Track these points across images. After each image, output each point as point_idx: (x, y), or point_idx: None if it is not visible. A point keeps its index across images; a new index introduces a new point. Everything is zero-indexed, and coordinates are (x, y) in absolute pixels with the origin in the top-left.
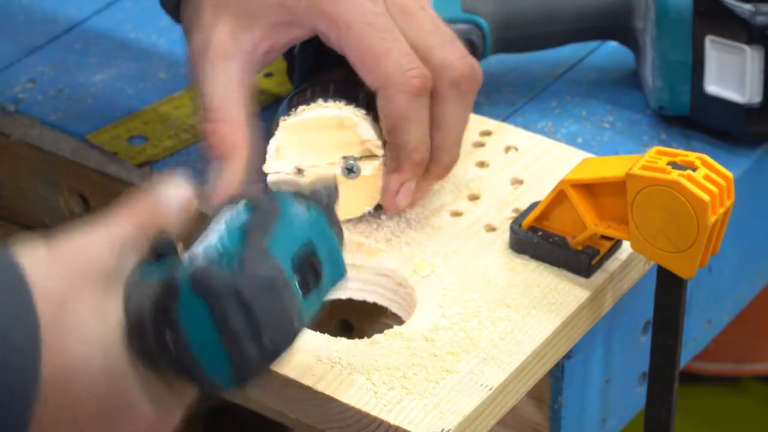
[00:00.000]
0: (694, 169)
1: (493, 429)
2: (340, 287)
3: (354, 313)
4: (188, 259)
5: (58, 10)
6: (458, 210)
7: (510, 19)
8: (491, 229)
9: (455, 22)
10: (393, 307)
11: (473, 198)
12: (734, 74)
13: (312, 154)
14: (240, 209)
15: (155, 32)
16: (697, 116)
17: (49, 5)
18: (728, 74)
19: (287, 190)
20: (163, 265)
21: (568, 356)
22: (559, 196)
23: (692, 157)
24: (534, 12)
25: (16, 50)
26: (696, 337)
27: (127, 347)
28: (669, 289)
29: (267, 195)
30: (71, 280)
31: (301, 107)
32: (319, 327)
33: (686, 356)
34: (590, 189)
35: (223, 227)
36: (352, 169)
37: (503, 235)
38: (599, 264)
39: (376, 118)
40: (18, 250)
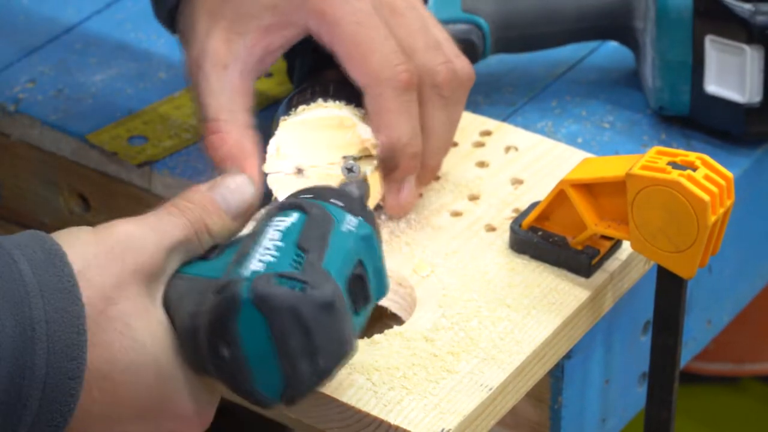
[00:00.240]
0: (694, 169)
1: (493, 429)
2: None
3: None
4: (249, 273)
5: (58, 10)
6: (458, 210)
7: (510, 19)
8: (491, 229)
9: (455, 22)
10: (393, 307)
11: (473, 198)
12: (734, 74)
13: (312, 153)
14: (294, 220)
15: (155, 32)
16: (697, 116)
17: (49, 5)
18: (728, 74)
19: (333, 196)
20: (208, 264)
21: (568, 356)
22: (559, 196)
23: (692, 157)
24: (534, 12)
25: (16, 50)
26: (696, 337)
27: (173, 350)
28: (669, 289)
29: (318, 204)
30: (118, 276)
31: (301, 107)
32: None
33: (686, 356)
34: (590, 189)
35: (278, 238)
36: (352, 169)
37: (503, 235)
38: (599, 264)
39: None
40: (61, 234)
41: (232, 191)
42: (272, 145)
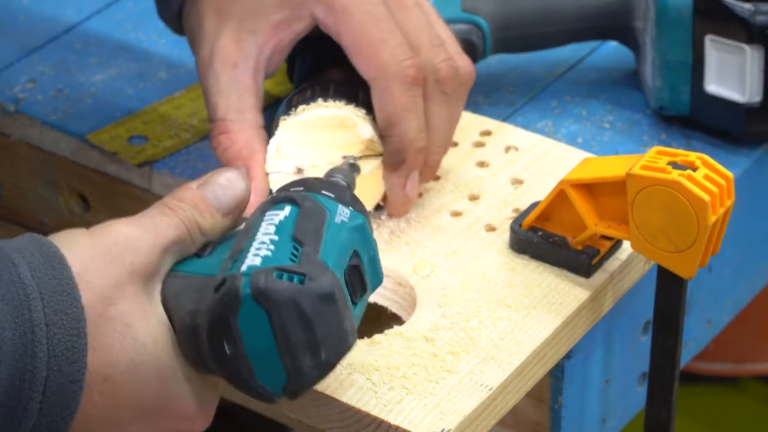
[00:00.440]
0: (695, 169)
1: (493, 429)
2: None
3: None
4: (246, 269)
5: (58, 10)
6: (458, 210)
7: (510, 19)
8: (491, 229)
9: (455, 22)
10: (393, 307)
11: (473, 198)
12: (734, 74)
13: (312, 153)
14: (287, 213)
15: (155, 32)
16: (697, 116)
17: (49, 5)
18: (728, 74)
19: (324, 187)
20: (202, 261)
21: (568, 356)
22: (560, 196)
23: (692, 156)
24: (534, 12)
25: (16, 50)
26: (696, 337)
27: (174, 348)
28: (669, 289)
29: (310, 197)
30: (115, 276)
31: (301, 107)
32: None
33: (686, 356)
34: (590, 189)
35: (272, 232)
36: (353, 169)
37: (503, 235)
38: (599, 264)
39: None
40: (57, 237)
41: (223, 187)
42: (272, 145)
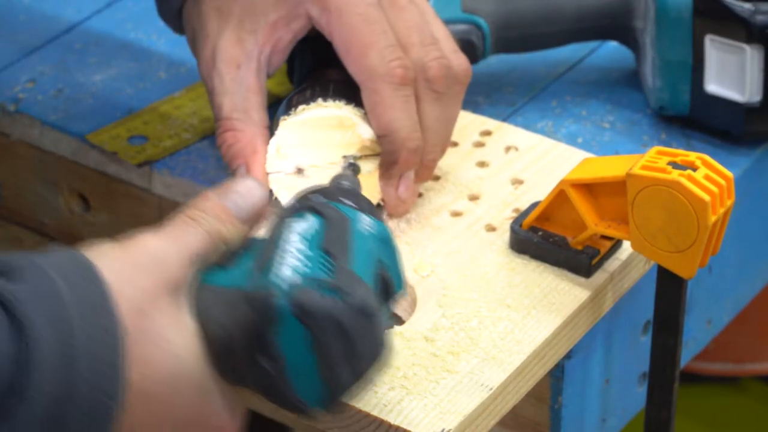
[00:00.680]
0: (695, 169)
1: (493, 429)
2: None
3: None
4: (282, 283)
5: (58, 10)
6: (458, 210)
7: (510, 19)
8: (491, 229)
9: (455, 22)
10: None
11: (473, 198)
12: (734, 73)
13: (312, 153)
14: (312, 222)
15: (155, 32)
16: (697, 116)
17: (49, 5)
18: (728, 73)
19: (342, 195)
20: (227, 272)
21: (568, 356)
22: (560, 196)
23: (692, 156)
24: (534, 12)
25: (16, 50)
26: (696, 337)
27: (206, 361)
28: (669, 289)
29: (332, 206)
30: (149, 289)
31: (300, 107)
32: None
33: (686, 356)
34: (590, 189)
35: (300, 243)
36: (352, 169)
37: (503, 235)
38: (599, 264)
39: None
40: (90, 250)
41: (242, 195)
42: (272, 145)
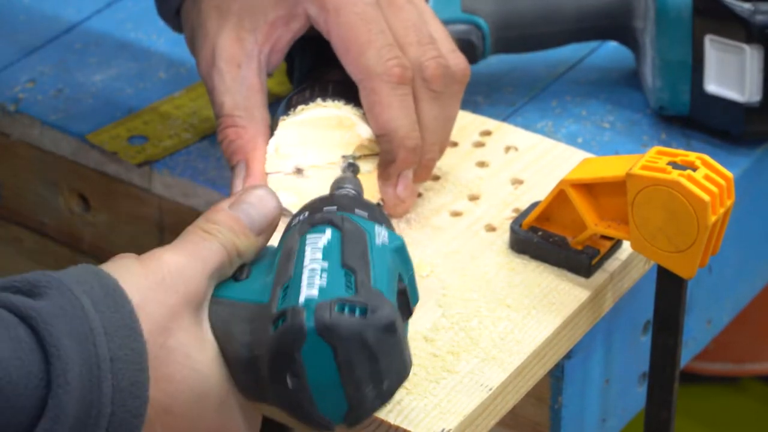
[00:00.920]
0: (695, 169)
1: (493, 429)
2: None
3: None
4: (304, 301)
5: (58, 10)
6: (458, 210)
7: (510, 19)
8: (491, 229)
9: (455, 22)
10: None
11: (473, 198)
12: (734, 73)
13: (311, 153)
14: (330, 237)
15: (155, 32)
16: (696, 116)
17: (49, 5)
18: (728, 73)
19: (356, 206)
20: (241, 286)
21: (568, 356)
22: (560, 196)
23: (692, 156)
24: (534, 12)
25: (16, 50)
26: (696, 337)
27: (227, 377)
28: (669, 289)
29: (347, 218)
30: (172, 306)
31: (300, 107)
32: None
33: (686, 356)
34: (590, 189)
35: (320, 258)
36: (352, 168)
37: (503, 235)
38: (599, 264)
39: None
40: (112, 267)
41: (254, 206)
42: (271, 145)
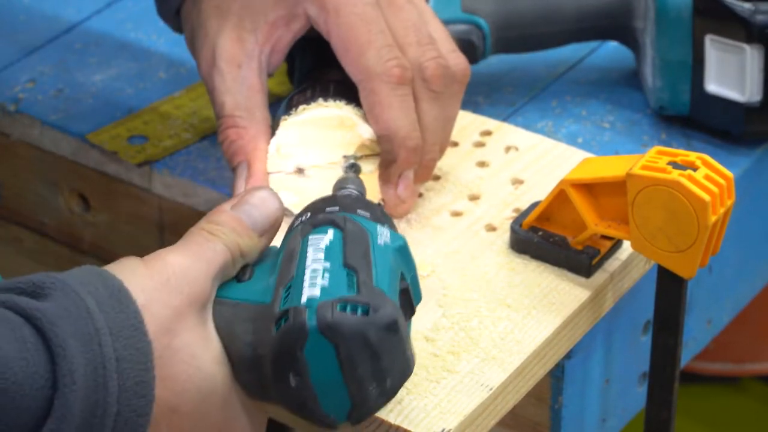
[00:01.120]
0: (695, 169)
1: (494, 429)
2: None
3: None
4: (306, 300)
5: (58, 10)
6: (458, 210)
7: (510, 19)
8: (491, 229)
9: (455, 22)
10: None
11: (473, 198)
12: (734, 73)
13: (312, 153)
14: (332, 237)
15: (155, 32)
16: (697, 116)
17: (49, 5)
18: (728, 73)
19: (358, 206)
20: (244, 287)
21: (569, 356)
22: (560, 196)
23: (692, 156)
24: (534, 12)
25: (16, 50)
26: (696, 337)
27: (231, 376)
28: (669, 289)
29: (349, 218)
30: (177, 307)
31: (301, 107)
32: None
33: (686, 356)
34: (590, 189)
35: (322, 258)
36: (353, 168)
37: (503, 235)
38: (599, 264)
39: None
40: (116, 269)
41: (257, 207)
42: (273, 145)
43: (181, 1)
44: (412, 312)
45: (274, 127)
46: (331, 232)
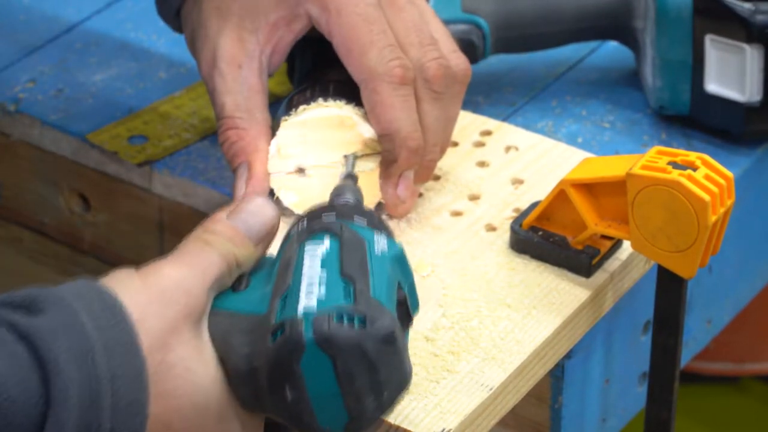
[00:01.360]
0: (695, 169)
1: (494, 429)
2: None
3: None
4: (303, 311)
5: (58, 10)
6: (458, 210)
7: (510, 19)
8: (491, 228)
9: (455, 22)
10: None
11: (473, 198)
12: (734, 73)
13: (313, 153)
14: (328, 246)
15: (155, 32)
16: (697, 115)
17: (49, 5)
18: (728, 73)
19: (355, 212)
20: (240, 296)
21: (569, 356)
22: (560, 196)
23: (693, 156)
24: (534, 12)
25: (16, 50)
26: (696, 337)
27: (227, 389)
28: (669, 289)
29: (346, 226)
30: (171, 320)
31: (301, 107)
32: None
33: (686, 356)
34: (591, 189)
35: (319, 268)
36: (353, 168)
37: (503, 235)
38: (600, 264)
39: None
40: (111, 282)
41: (253, 215)
42: (273, 145)
43: (182, 2)
44: (409, 322)
45: (274, 128)
46: (327, 240)
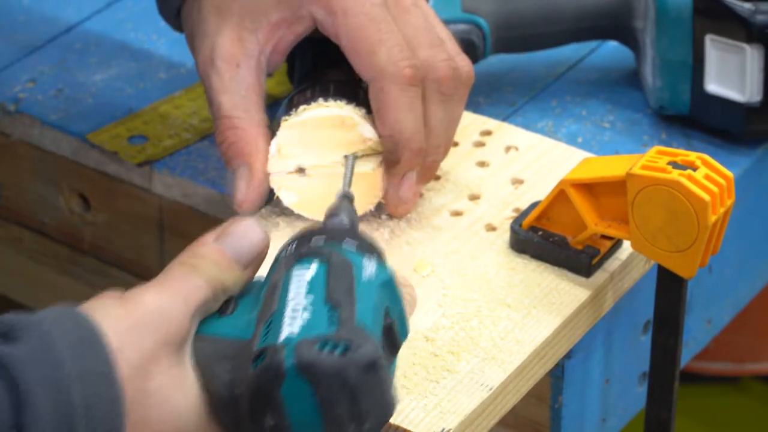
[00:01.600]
0: (695, 169)
1: (494, 429)
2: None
3: None
4: (285, 339)
5: (58, 10)
6: (458, 210)
7: (510, 19)
8: (491, 228)
9: (455, 22)
10: None
11: (473, 198)
12: (734, 73)
13: (313, 153)
14: (315, 271)
15: (155, 32)
16: (697, 115)
17: (49, 5)
18: (728, 73)
19: (346, 235)
20: (225, 321)
21: (569, 356)
22: (560, 196)
23: (693, 156)
24: (534, 12)
25: (16, 50)
26: (696, 336)
27: (208, 415)
28: (669, 289)
29: (335, 252)
30: (151, 349)
31: (301, 107)
32: None
33: (686, 356)
34: (590, 189)
35: (304, 294)
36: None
37: (503, 235)
38: (599, 263)
39: None
40: (92, 309)
41: (240, 238)
42: (273, 146)
43: (182, 1)
44: (396, 350)
45: (274, 128)
46: (315, 265)
